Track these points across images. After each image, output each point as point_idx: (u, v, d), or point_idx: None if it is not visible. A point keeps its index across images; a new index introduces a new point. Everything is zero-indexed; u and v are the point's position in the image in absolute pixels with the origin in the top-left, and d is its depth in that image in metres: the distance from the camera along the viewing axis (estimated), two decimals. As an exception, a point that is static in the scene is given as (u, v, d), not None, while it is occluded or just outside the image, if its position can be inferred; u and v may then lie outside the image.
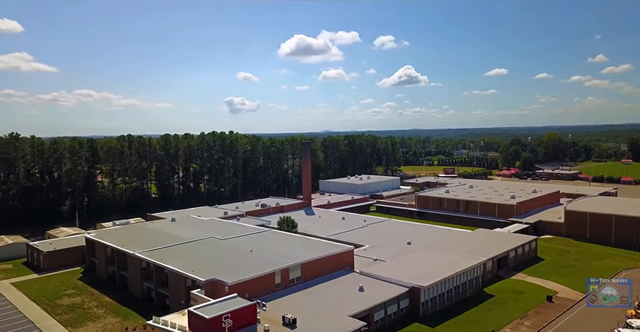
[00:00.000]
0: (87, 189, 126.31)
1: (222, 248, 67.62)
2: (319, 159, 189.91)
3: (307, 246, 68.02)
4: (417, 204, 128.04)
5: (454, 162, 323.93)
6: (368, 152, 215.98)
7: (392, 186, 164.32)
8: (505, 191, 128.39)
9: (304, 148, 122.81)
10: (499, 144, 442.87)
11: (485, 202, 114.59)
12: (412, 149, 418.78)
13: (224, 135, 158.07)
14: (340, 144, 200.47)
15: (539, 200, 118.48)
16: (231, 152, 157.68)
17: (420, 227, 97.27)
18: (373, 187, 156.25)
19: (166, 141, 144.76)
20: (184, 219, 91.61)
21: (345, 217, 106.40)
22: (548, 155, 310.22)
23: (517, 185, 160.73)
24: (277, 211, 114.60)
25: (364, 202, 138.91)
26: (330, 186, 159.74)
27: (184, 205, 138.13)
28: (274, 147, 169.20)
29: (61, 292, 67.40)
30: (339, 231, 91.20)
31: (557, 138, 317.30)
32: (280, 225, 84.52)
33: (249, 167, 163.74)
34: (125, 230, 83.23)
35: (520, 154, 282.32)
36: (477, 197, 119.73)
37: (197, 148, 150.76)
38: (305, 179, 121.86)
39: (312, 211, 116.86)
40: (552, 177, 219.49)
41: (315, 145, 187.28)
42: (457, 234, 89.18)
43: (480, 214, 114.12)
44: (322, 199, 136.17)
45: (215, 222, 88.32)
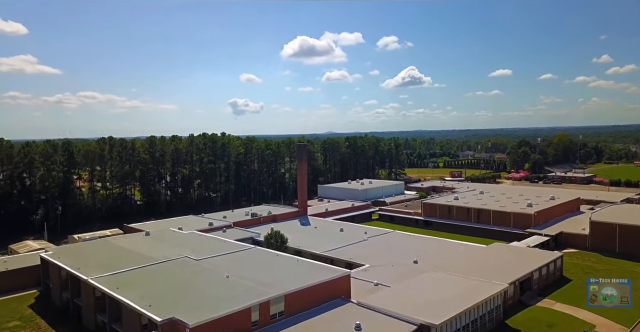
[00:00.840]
0: (63, 197, 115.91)
1: (194, 272, 56.93)
2: (318, 162, 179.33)
3: (295, 270, 57.26)
4: (423, 212, 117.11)
5: (460, 164, 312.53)
6: (370, 154, 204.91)
7: (395, 191, 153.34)
8: (520, 198, 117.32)
9: (300, 151, 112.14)
10: (505, 146, 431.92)
11: (499, 211, 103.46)
12: (417, 151, 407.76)
13: (215, 137, 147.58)
14: (341, 146, 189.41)
15: (558, 208, 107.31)
16: (223, 156, 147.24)
17: (427, 241, 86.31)
18: (375, 193, 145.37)
19: (151, 144, 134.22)
20: (161, 233, 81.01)
21: (344, 228, 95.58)
22: (558, 157, 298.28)
23: (529, 190, 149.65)
24: (269, 221, 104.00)
25: (365, 209, 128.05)
26: (330, 191, 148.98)
27: (171, 213, 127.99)
28: (269, 150, 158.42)
29: (3, 325, 56.85)
30: (336, 246, 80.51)
31: (568, 139, 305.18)
32: (268, 240, 73.68)
33: (242, 172, 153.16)
34: (89, 247, 72.59)
35: (530, 156, 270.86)
36: (489, 205, 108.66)
37: (186, 151, 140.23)
38: (301, 186, 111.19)
39: (307, 220, 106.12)
40: (565, 180, 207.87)
41: (313, 147, 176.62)
42: (469, 250, 78.24)
43: (494, 224, 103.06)
44: (319, 207, 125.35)
45: (194, 237, 77.68)
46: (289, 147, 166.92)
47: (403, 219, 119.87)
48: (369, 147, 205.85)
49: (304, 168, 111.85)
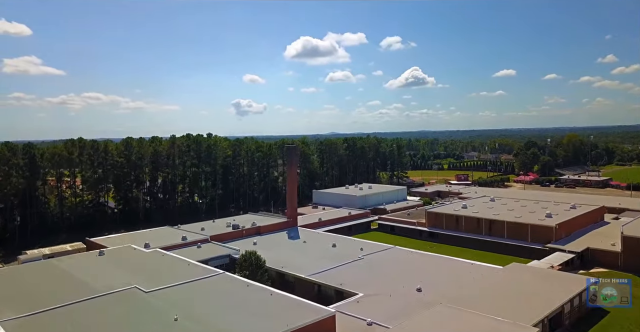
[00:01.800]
0: (25, 205, 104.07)
1: (136, 311, 44.83)
2: (314, 165, 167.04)
3: (267, 308, 45.09)
4: (427, 222, 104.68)
5: (466, 166, 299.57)
6: (371, 156, 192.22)
7: (397, 197, 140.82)
8: (536, 206, 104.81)
9: (289, 154, 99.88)
10: (512, 146, 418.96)
11: (514, 223, 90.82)
12: (420, 152, 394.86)
13: (200, 139, 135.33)
14: (339, 148, 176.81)
15: (581, 219, 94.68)
16: (209, 158, 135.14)
17: (432, 260, 73.79)
18: (375, 199, 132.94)
19: (127, 146, 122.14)
20: (119, 252, 68.96)
21: (337, 243, 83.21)
22: (568, 159, 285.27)
23: (543, 195, 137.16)
24: (253, 234, 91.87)
25: (363, 218, 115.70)
26: (325, 198, 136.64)
27: (150, 222, 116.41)
28: (260, 152, 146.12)
29: None
30: (326, 267, 68.26)
31: (578, 140, 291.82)
32: (241, 264, 61.35)
33: (231, 176, 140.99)
34: (21, 272, 60.53)
35: (539, 158, 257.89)
36: (502, 215, 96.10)
37: (167, 154, 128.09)
38: (291, 193, 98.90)
39: (297, 233, 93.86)
40: (579, 184, 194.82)
41: (309, 149, 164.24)
42: (483, 272, 65.62)
43: (508, 237, 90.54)
44: (312, 216, 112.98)
45: (156, 258, 65.59)
46: (282, 149, 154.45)
47: (405, 230, 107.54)
48: (370, 149, 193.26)
49: (294, 173, 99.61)
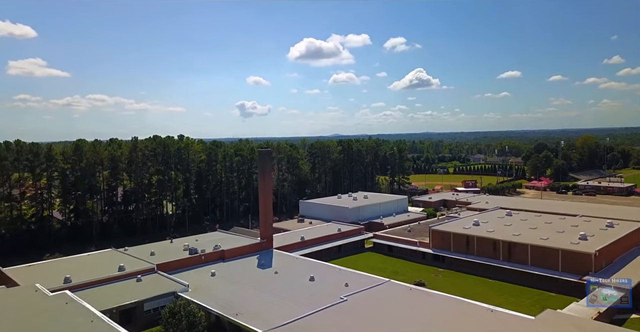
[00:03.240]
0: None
1: None
2: (304, 171, 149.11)
3: None
4: (432, 243, 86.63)
5: (473, 170, 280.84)
6: (368, 160, 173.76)
7: (397, 208, 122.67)
8: (563, 223, 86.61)
9: (261, 160, 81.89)
10: (520, 149, 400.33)
11: (540, 247, 72.52)
12: (424, 155, 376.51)
13: (168, 141, 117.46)
14: (332, 151, 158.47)
15: (623, 241, 76.31)
16: (179, 164, 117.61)
17: (437, 302, 55.55)
18: (370, 212, 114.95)
19: (76, 150, 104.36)
20: (8, 297, 51.30)
21: (317, 274, 65.22)
22: (583, 162, 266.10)
23: (565, 206, 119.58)
24: (215, 259, 74.17)
25: (355, 235, 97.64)
26: (314, 209, 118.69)
27: (105, 239, 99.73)
28: (239, 156, 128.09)
29: None
30: (295, 315, 50.37)
31: (594, 142, 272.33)
32: (166, 322, 43.40)
33: (205, 183, 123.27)
34: None
35: (552, 161, 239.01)
36: (525, 236, 77.89)
37: (126, 158, 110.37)
38: (264, 208, 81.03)
39: (270, 258, 76.02)
40: (600, 191, 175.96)
41: (298, 153, 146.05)
42: (507, 326, 47.50)
43: (533, 264, 72.37)
44: (294, 234, 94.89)
45: (54, 306, 47.85)
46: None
47: (405, 251, 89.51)
48: (367, 152, 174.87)
49: (269, 184, 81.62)
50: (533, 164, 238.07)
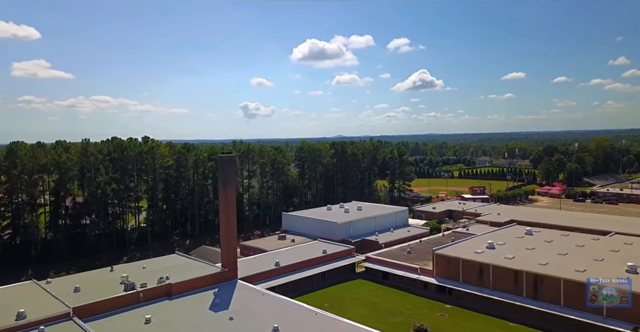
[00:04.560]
0: None
1: None
2: (292, 178, 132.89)
3: None
4: (435, 270, 70.25)
5: (479, 174, 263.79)
6: (365, 165, 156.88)
7: (395, 221, 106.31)
8: (599, 246, 70.26)
9: (222, 169, 65.38)
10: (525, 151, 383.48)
11: (576, 283, 55.72)
12: (428, 157, 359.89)
13: (129, 144, 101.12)
14: (324, 154, 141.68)
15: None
16: (142, 170, 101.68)
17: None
18: (364, 227, 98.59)
19: (9, 154, 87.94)
20: None
21: (283, 323, 48.86)
22: (597, 166, 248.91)
23: (593, 219, 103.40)
24: (160, 296, 57.75)
25: (344, 258, 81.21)
26: (298, 223, 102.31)
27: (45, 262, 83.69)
28: (212, 161, 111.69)
29: None
30: None
31: (609, 144, 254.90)
32: None
33: (175, 193, 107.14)
34: None
35: (565, 165, 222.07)
36: (553, 264, 61.40)
37: (74, 165, 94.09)
38: (226, 231, 64.81)
39: (229, 295, 59.62)
40: (623, 198, 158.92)
41: (283, 158, 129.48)
42: None
43: (567, 305, 55.75)
44: (268, 258, 78.15)
45: None
46: (247, 157, 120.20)
47: (403, 280, 73.16)
48: (364, 156, 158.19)
49: (231, 199, 65.15)
50: (545, 168, 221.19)
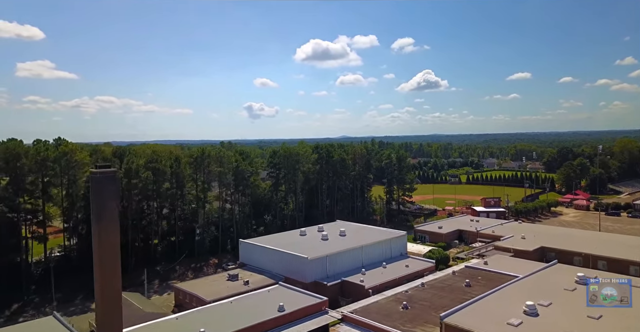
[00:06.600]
0: None
1: None
2: (263, 190, 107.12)
3: None
4: (446, 350, 44.38)
5: (489, 179, 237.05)
6: (355, 173, 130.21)
7: (389, 251, 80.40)
8: None
9: (95, 191, 39.80)
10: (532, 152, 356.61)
11: None
12: (432, 160, 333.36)
13: (24, 149, 74.69)
14: (305, 160, 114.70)
15: None
16: (49, 184, 76.53)
17: None
18: (346, 262, 72.65)
19: None
20: None
21: None
22: (622, 171, 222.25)
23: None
24: None
25: (312, 317, 55.47)
26: (258, 255, 76.38)
27: None
28: (149, 171, 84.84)
29: None
30: None
31: (636, 147, 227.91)
32: None
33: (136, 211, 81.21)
34: None
35: (589, 170, 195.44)
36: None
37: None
38: (102, 283, 39.23)
39: None
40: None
41: (251, 166, 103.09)
42: None
43: None
44: (193, 318, 52.56)
45: None
46: (202, 162, 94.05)
47: (394, 362, 47.47)
48: (356, 161, 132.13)
49: (113, 239, 39.63)
50: (565, 174, 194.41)
